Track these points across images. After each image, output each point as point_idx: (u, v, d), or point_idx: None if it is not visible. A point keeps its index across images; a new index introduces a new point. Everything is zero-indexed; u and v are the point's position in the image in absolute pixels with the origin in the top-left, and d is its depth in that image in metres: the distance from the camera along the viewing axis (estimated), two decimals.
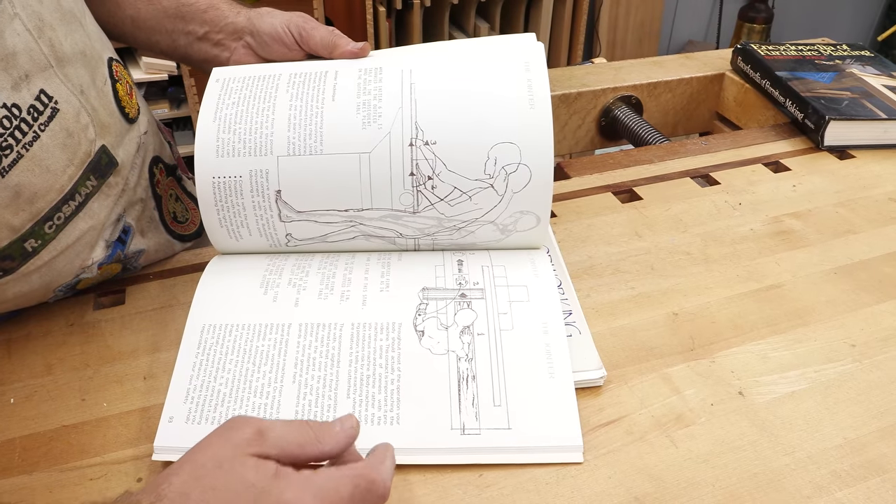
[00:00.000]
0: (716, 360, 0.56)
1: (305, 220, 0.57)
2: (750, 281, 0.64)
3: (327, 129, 0.55)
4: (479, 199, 0.56)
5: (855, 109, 0.84)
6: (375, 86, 0.57)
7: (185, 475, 0.36)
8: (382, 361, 0.51)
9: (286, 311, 0.54)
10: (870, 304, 0.61)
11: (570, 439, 0.48)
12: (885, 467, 0.48)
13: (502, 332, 0.53)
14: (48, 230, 0.53)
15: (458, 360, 0.51)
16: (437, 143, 0.55)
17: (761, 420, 0.51)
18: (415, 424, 0.48)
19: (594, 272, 0.64)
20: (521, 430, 0.48)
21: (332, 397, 0.49)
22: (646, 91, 1.03)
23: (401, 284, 0.56)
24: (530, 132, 0.55)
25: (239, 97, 0.57)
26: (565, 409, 0.49)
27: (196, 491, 0.36)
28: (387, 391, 0.50)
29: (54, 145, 0.51)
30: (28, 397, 0.53)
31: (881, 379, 0.54)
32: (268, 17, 0.64)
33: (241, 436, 0.38)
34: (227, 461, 0.37)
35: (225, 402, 0.49)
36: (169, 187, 0.68)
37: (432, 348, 0.52)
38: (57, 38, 0.51)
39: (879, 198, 0.76)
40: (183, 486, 0.36)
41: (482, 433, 0.48)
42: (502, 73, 0.57)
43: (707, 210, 0.74)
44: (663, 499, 0.46)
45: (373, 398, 0.49)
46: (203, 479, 0.36)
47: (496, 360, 0.51)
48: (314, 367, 0.51)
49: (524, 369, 0.51)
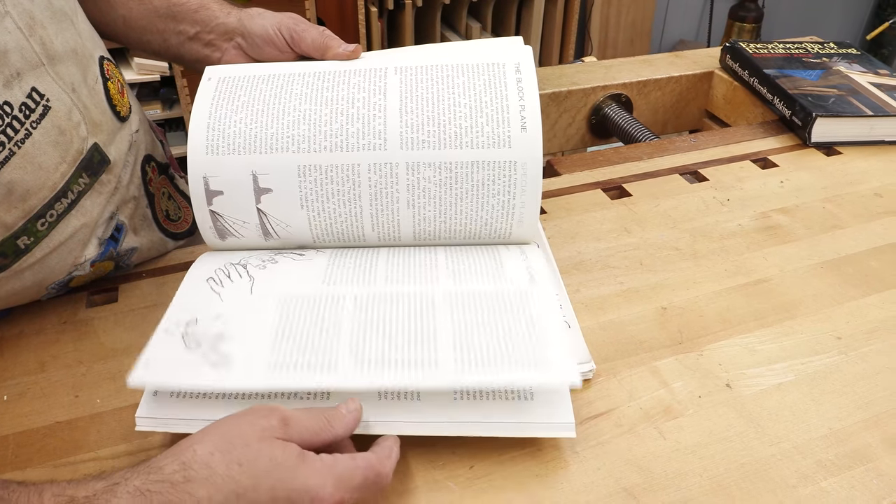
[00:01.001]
0: (704, 353, 0.56)
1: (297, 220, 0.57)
2: (738, 275, 0.64)
3: (325, 131, 0.56)
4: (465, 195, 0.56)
5: (841, 106, 0.85)
6: (375, 90, 0.57)
7: (211, 447, 0.38)
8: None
9: (268, 291, 0.54)
10: (856, 297, 0.62)
11: (561, 416, 0.48)
12: (870, 456, 0.48)
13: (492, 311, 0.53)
14: (41, 227, 0.53)
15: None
16: (427, 144, 0.55)
17: (748, 411, 0.52)
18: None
19: (584, 267, 0.65)
20: (514, 410, 0.48)
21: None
22: (636, 89, 1.03)
23: (405, 272, 0.57)
24: (520, 129, 0.55)
25: (232, 96, 0.58)
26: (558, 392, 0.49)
27: (222, 465, 0.38)
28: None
29: (46, 143, 0.51)
30: (21, 394, 0.53)
31: (866, 371, 0.55)
32: (258, 19, 0.64)
33: (267, 422, 0.40)
34: (254, 441, 0.39)
35: None
36: (161, 185, 0.68)
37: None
38: (48, 37, 0.51)
39: (865, 193, 0.77)
40: (208, 458, 0.38)
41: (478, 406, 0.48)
42: (490, 76, 0.58)
43: (696, 206, 0.74)
44: (652, 489, 0.46)
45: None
46: (230, 453, 0.38)
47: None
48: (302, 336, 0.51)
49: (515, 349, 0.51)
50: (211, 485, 0.37)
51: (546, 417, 0.48)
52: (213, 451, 0.38)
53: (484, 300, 0.52)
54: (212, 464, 0.37)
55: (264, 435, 0.40)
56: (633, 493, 0.46)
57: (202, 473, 0.37)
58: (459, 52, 0.62)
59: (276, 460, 0.38)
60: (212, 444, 0.38)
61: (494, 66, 0.58)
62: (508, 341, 0.48)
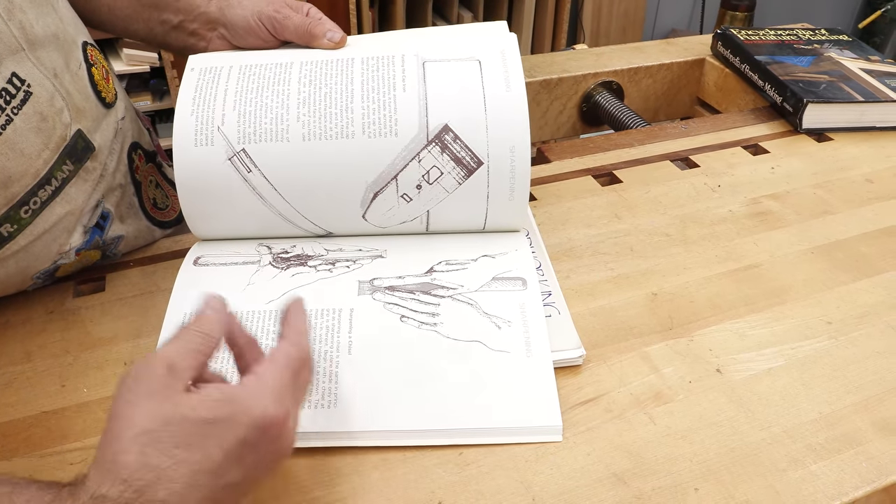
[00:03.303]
0: (694, 338, 0.56)
1: (289, 209, 0.57)
2: (728, 261, 0.64)
3: (306, 118, 0.55)
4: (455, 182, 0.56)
5: (832, 92, 0.84)
6: (383, 75, 0.57)
7: (137, 447, 0.34)
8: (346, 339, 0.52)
9: (269, 293, 0.54)
10: (846, 282, 0.62)
11: (549, 419, 0.48)
12: (859, 440, 0.48)
13: (479, 308, 0.53)
14: (24, 215, 0.52)
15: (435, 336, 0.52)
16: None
17: (738, 396, 0.51)
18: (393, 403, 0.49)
19: (574, 254, 0.65)
20: (499, 411, 0.49)
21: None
22: (627, 76, 1.03)
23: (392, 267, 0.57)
24: (506, 114, 0.55)
25: (219, 85, 0.57)
26: (544, 390, 0.50)
27: (162, 458, 0.34)
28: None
29: (28, 129, 0.50)
30: (7, 384, 0.53)
31: (856, 355, 0.55)
32: (238, 9, 0.63)
33: (158, 382, 0.35)
34: (167, 414, 0.35)
35: None
36: (149, 174, 0.67)
37: (409, 323, 0.53)
38: (28, 21, 0.50)
39: (856, 179, 0.77)
40: (144, 460, 0.33)
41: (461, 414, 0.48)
42: (476, 58, 0.58)
43: (686, 192, 0.74)
44: (642, 474, 0.46)
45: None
46: (159, 442, 0.34)
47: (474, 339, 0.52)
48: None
49: (502, 349, 0.51)
50: (165, 481, 0.33)
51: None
52: (143, 450, 0.34)
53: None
54: (151, 463, 0.33)
55: (167, 399, 0.35)
56: (622, 479, 0.46)
57: (148, 477, 0.33)
58: (443, 38, 0.62)
59: (205, 420, 0.35)
60: (136, 446, 0.34)
61: (480, 51, 0.58)
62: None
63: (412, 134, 0.55)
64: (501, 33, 0.62)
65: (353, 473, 0.46)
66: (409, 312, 0.53)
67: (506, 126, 0.56)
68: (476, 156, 0.56)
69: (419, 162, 0.55)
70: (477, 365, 0.51)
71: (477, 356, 0.51)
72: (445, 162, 0.56)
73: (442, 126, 0.55)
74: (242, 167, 0.55)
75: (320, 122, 0.55)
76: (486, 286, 0.55)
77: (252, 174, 0.55)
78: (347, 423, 0.48)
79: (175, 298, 0.55)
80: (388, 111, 0.55)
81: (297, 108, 0.56)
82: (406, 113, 0.56)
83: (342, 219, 0.58)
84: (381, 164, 0.55)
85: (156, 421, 0.34)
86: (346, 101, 0.56)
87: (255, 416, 0.36)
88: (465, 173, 0.56)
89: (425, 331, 0.52)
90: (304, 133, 0.55)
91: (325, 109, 0.56)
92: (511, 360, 0.51)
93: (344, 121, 0.55)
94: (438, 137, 0.55)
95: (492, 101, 0.56)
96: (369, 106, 0.56)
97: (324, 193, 0.57)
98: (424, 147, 0.55)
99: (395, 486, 0.45)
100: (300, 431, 0.44)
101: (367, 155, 0.55)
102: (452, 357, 0.51)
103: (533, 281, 0.56)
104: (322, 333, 0.52)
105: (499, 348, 0.52)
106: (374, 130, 0.55)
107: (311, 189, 0.56)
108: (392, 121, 0.55)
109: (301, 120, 0.55)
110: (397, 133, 0.55)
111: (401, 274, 0.56)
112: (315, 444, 0.47)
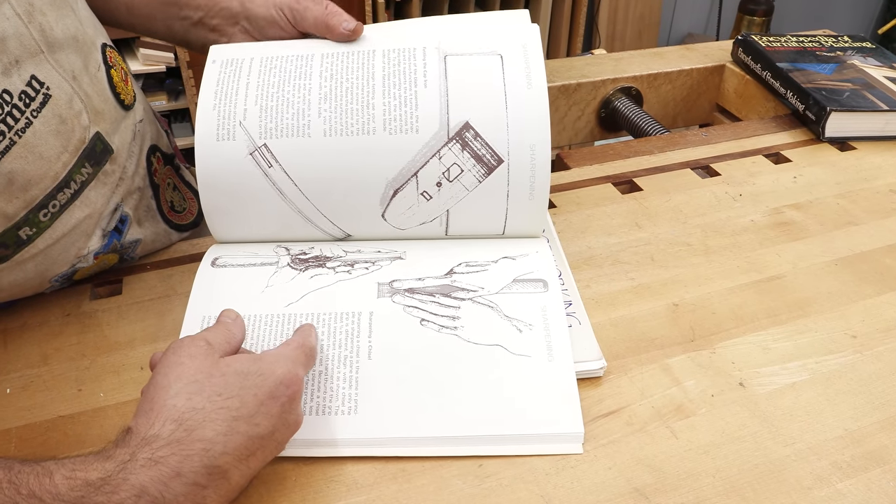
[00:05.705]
0: (716, 350, 0.55)
1: (309, 207, 0.57)
2: (751, 272, 0.63)
3: (328, 113, 0.55)
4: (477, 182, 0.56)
5: (856, 101, 0.83)
6: (405, 70, 0.57)
7: (185, 394, 0.40)
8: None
9: (285, 300, 0.54)
10: (871, 295, 0.61)
11: (571, 426, 0.48)
12: (886, 458, 0.47)
13: (500, 311, 0.53)
14: (43, 218, 0.52)
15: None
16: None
17: (762, 411, 0.51)
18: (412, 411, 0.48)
19: (594, 263, 0.64)
20: (521, 418, 0.48)
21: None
22: (646, 82, 1.02)
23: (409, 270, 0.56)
24: (527, 112, 0.55)
25: (240, 78, 0.57)
26: (566, 396, 0.49)
27: (207, 403, 0.40)
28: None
29: (47, 132, 0.50)
30: (24, 387, 0.52)
31: (882, 370, 0.54)
32: (259, 1, 0.63)
33: (200, 349, 0.43)
34: (207, 368, 0.42)
35: None
36: (167, 176, 0.67)
37: (429, 327, 0.52)
38: (48, 23, 0.50)
39: (880, 189, 0.75)
40: (192, 404, 0.40)
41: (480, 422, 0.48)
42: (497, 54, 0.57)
43: (707, 201, 0.73)
44: (663, 489, 0.45)
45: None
46: (203, 390, 0.40)
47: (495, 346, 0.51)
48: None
49: (523, 353, 0.51)
50: (210, 423, 0.39)
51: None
52: (190, 396, 0.40)
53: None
54: (198, 406, 0.40)
55: (210, 360, 0.42)
56: (644, 494, 0.45)
57: (197, 418, 0.39)
58: (465, 26, 0.62)
59: (241, 372, 0.42)
60: (184, 392, 0.40)
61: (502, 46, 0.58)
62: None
63: (433, 130, 0.55)
64: (523, 23, 0.61)
65: (372, 485, 0.46)
66: (429, 315, 0.53)
67: (526, 124, 0.55)
68: (496, 153, 0.55)
69: (440, 159, 0.55)
70: (498, 370, 0.50)
71: (498, 361, 0.51)
72: (466, 159, 0.55)
73: (463, 123, 0.55)
74: (263, 162, 0.55)
75: (342, 118, 0.55)
76: (507, 288, 0.55)
77: (273, 169, 0.55)
78: (367, 430, 0.47)
79: (194, 299, 0.54)
80: (410, 107, 0.55)
81: (319, 104, 0.56)
82: (427, 109, 0.55)
83: (361, 218, 0.58)
84: (402, 161, 0.55)
85: (200, 373, 0.41)
86: (367, 96, 0.56)
87: (280, 374, 0.43)
88: (485, 171, 0.55)
89: (445, 335, 0.52)
90: (325, 129, 0.55)
91: (347, 105, 0.55)
92: (532, 365, 0.50)
93: (365, 117, 0.55)
94: (459, 135, 0.55)
95: (513, 98, 0.55)
96: (390, 102, 0.55)
97: (344, 190, 0.56)
98: (445, 144, 0.55)
99: (414, 498, 0.45)
100: (320, 439, 0.44)
101: (387, 151, 0.55)
102: (473, 362, 0.50)
103: (554, 282, 0.55)
104: (342, 338, 0.51)
105: (520, 352, 0.51)
106: (395, 127, 0.55)
107: (332, 186, 0.56)
108: (413, 117, 0.55)
109: (322, 115, 0.55)
110: (418, 129, 0.55)
111: (420, 276, 0.56)
112: (333, 453, 0.47)
